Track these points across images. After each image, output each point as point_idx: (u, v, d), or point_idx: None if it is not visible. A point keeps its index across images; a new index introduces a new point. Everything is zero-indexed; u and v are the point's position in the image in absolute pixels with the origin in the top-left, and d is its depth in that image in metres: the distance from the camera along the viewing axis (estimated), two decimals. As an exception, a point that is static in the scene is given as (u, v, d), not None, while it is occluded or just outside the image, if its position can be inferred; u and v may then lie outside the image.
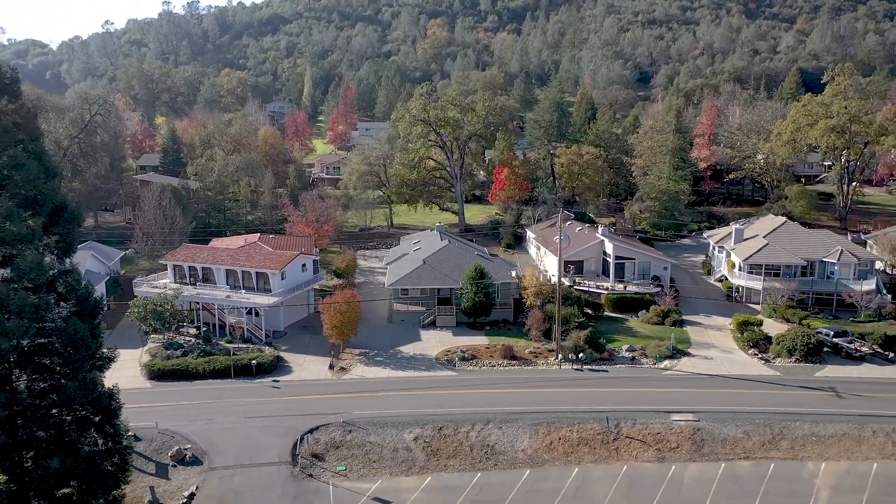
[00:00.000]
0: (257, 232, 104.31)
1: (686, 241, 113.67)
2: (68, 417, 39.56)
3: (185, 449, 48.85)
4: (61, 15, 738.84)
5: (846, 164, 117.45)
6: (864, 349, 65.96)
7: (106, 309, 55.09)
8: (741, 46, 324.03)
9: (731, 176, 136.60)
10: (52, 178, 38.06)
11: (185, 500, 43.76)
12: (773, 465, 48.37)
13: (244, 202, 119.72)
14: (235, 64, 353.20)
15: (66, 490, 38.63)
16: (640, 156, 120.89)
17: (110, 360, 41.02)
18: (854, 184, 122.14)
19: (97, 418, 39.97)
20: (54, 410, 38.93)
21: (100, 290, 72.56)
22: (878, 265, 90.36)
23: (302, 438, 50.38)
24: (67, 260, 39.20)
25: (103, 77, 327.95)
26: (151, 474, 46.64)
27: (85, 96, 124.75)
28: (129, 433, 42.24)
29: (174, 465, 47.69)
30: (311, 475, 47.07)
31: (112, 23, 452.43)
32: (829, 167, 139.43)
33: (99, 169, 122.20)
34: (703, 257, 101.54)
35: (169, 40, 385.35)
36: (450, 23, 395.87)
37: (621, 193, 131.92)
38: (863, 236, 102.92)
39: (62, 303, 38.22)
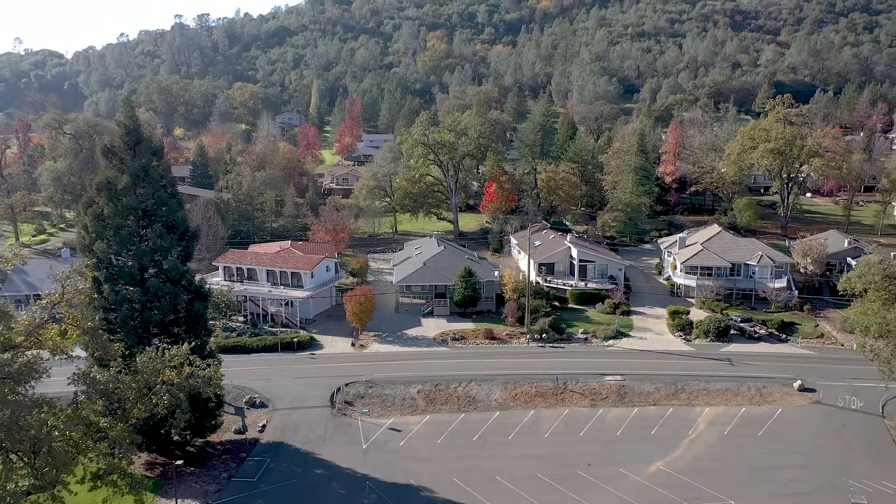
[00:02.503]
0: (281, 237, 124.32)
1: (647, 246, 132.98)
2: (188, 369, 59.25)
3: (255, 397, 68.72)
4: (74, 25, 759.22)
5: (786, 180, 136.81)
6: (761, 331, 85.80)
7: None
8: (723, 60, 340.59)
9: (693, 188, 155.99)
10: (182, 209, 57.97)
11: (260, 427, 63.57)
12: (671, 409, 68.03)
13: (269, 212, 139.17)
14: (245, 76, 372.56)
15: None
16: (610, 173, 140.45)
17: (213, 330, 60.89)
18: (792, 196, 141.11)
19: (206, 369, 59.68)
20: (181, 363, 58.66)
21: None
22: (800, 267, 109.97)
23: (337, 390, 70.15)
24: (188, 263, 59.02)
25: (122, 89, 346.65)
26: (233, 413, 66.27)
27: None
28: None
29: (248, 408, 67.49)
30: (344, 414, 66.86)
31: (126, 35, 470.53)
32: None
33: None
34: (658, 260, 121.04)
35: (181, 52, 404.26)
36: (448, 35, 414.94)
37: (596, 204, 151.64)
38: (790, 243, 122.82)
39: (185, 292, 57.92)
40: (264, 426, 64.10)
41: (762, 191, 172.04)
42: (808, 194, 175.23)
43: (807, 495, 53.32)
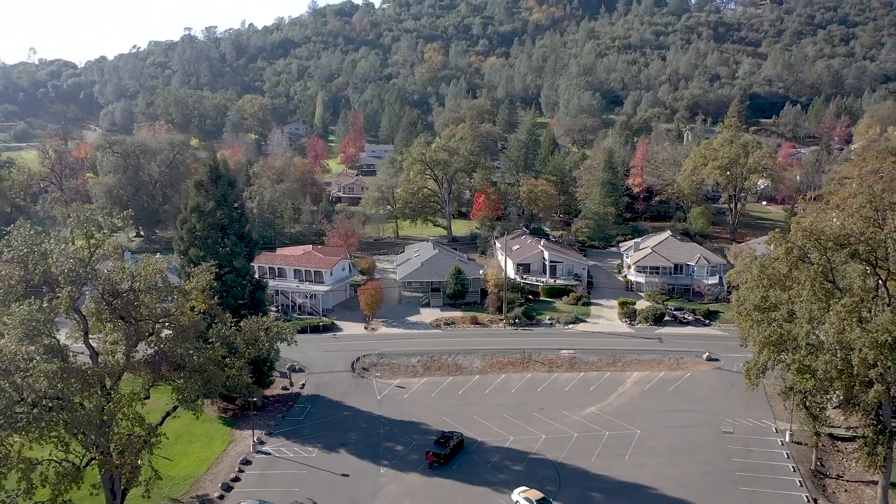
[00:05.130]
0: (299, 242, 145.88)
1: (613, 249, 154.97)
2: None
3: (295, 364, 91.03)
4: (81, 31, 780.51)
5: (732, 192, 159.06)
6: (689, 318, 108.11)
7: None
8: (701, 73, 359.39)
9: (658, 198, 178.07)
10: (248, 224, 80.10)
11: (301, 385, 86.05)
12: (608, 373, 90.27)
13: (288, 220, 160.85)
14: (252, 86, 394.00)
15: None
16: (582, 186, 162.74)
17: (268, 312, 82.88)
18: (741, 205, 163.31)
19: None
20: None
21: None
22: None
23: (356, 360, 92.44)
24: (251, 263, 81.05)
25: (137, 99, 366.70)
26: (279, 376, 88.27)
27: (171, 141, 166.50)
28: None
29: (290, 372, 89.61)
30: (362, 377, 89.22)
31: (137, 46, 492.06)
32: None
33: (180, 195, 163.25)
34: (619, 261, 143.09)
35: (191, 63, 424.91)
36: (445, 47, 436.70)
37: (571, 212, 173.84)
38: (734, 246, 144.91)
39: (249, 284, 79.94)
40: (304, 384, 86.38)
41: (720, 199, 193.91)
42: (764, 202, 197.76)
43: (692, 427, 75.55)
